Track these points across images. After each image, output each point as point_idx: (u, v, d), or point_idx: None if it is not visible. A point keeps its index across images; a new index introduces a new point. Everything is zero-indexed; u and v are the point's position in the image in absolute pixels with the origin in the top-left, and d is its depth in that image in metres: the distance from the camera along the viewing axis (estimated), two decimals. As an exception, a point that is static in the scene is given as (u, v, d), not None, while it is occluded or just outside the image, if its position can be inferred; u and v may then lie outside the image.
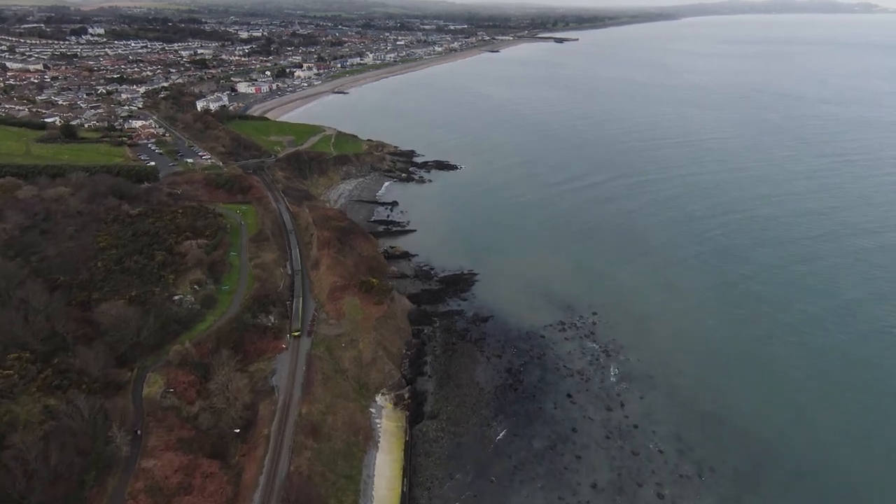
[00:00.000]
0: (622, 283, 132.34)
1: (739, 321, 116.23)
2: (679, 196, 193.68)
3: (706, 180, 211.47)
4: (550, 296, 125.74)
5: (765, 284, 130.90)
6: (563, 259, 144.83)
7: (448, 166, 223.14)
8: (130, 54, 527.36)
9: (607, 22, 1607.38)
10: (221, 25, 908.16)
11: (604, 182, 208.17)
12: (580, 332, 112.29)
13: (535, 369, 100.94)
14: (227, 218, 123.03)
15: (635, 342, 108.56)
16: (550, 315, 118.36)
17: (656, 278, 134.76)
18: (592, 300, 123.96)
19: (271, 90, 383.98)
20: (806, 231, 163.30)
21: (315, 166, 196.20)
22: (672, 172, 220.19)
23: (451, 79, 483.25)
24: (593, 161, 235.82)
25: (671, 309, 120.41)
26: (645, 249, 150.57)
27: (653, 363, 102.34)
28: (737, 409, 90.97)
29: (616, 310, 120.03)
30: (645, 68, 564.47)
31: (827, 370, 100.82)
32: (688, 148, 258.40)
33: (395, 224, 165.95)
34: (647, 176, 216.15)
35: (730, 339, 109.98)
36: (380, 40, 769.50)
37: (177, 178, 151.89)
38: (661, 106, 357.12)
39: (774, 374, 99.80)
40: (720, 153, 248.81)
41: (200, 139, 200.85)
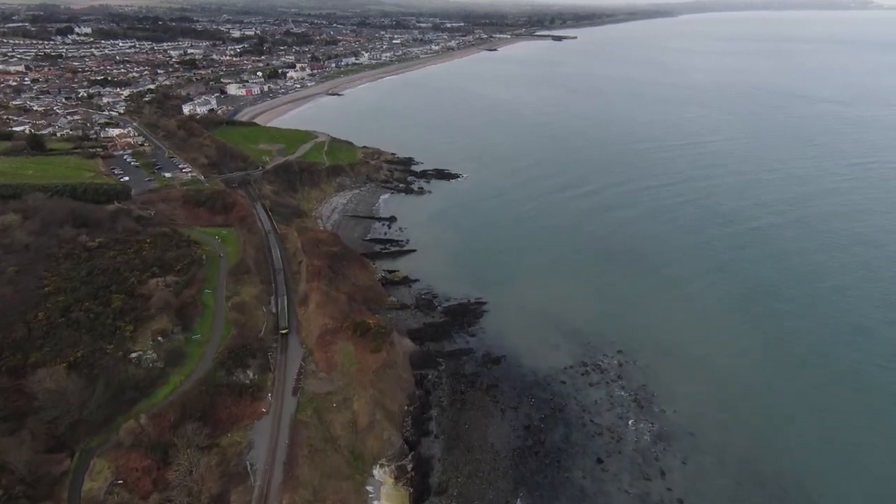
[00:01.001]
0: (644, 310, 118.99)
1: (784, 356, 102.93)
2: (690, 203, 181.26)
3: (715, 185, 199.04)
4: (567, 328, 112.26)
5: (807, 311, 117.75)
6: (576, 281, 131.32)
7: (448, 175, 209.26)
8: (118, 54, 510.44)
9: (605, 19, 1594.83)
10: (213, 24, 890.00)
11: (610, 188, 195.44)
12: (605, 377, 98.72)
13: (557, 425, 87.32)
14: (203, 246, 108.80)
15: (669, 389, 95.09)
16: (570, 354, 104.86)
17: (681, 303, 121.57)
18: (615, 333, 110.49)
19: (262, 92, 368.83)
20: (834, 240, 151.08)
21: (306, 178, 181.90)
22: (679, 177, 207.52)
23: (448, 79, 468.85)
24: (597, 165, 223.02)
25: (703, 343, 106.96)
26: (663, 267, 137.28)
27: (692, 416, 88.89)
28: (800, 475, 77.65)
29: (642, 345, 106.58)
30: (644, 67, 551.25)
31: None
32: (692, 150, 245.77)
33: (394, 243, 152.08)
34: (654, 181, 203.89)
35: (778, 383, 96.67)
36: (375, 39, 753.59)
37: (152, 195, 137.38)
38: (663, 105, 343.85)
39: (839, 429, 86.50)
40: (725, 155, 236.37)
41: (183, 149, 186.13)
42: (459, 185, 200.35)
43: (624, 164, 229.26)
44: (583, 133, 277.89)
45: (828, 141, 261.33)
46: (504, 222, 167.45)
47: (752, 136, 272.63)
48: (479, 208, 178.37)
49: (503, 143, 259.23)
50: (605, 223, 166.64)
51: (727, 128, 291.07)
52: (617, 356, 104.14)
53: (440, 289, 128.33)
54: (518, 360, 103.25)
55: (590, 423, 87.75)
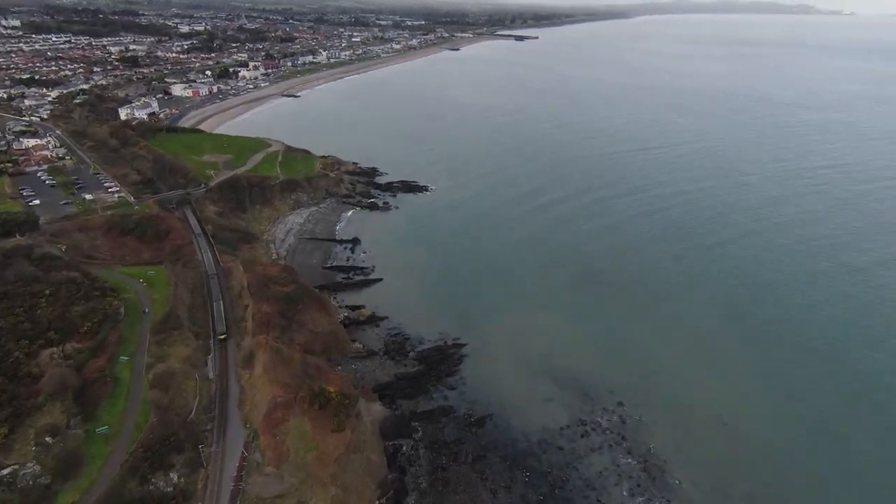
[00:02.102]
0: (642, 349, 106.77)
1: (811, 410, 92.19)
2: (679, 217, 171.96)
3: (705, 196, 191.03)
4: (559, 375, 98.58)
5: (825, 341, 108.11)
6: (564, 315, 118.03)
7: (416, 187, 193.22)
8: (49, 50, 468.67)
9: (564, 20, 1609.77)
10: (160, 18, 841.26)
11: (592, 202, 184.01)
12: (608, 438, 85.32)
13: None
14: (123, 294, 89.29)
15: (682, 451, 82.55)
16: (565, 409, 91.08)
17: (681, 339, 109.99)
18: (614, 381, 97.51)
19: (211, 93, 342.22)
20: (837, 257, 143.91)
21: (257, 195, 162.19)
22: (666, 188, 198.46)
23: (412, 79, 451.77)
24: (577, 176, 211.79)
25: (716, 393, 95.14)
26: (657, 295, 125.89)
27: (713, 489, 76.47)
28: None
29: (646, 396, 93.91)
30: (615, 69, 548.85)
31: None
32: (675, 158, 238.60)
33: (358, 270, 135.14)
34: (638, 193, 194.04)
35: (814, 443, 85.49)
36: (333, 36, 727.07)
37: (67, 224, 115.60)
38: (640, 111, 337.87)
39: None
40: (711, 163, 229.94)
41: (112, 162, 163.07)
42: (428, 199, 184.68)
43: (600, 169, 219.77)
44: (554, 138, 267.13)
45: (814, 148, 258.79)
46: (479, 241, 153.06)
47: (727, 140, 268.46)
48: (451, 225, 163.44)
49: (472, 149, 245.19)
50: (590, 239, 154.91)
51: (701, 131, 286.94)
52: (618, 410, 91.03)
53: (412, 327, 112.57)
54: (506, 419, 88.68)
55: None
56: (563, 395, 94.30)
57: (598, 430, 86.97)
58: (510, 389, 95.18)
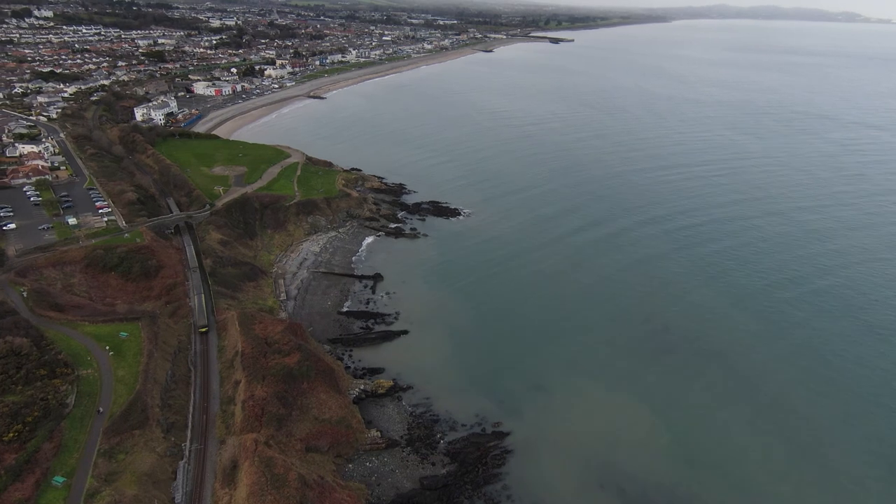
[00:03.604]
0: (734, 451, 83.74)
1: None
2: (753, 258, 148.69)
3: (780, 231, 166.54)
4: (628, 489, 76.32)
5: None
6: (629, 396, 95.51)
7: (447, 211, 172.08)
8: (77, 42, 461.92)
9: (599, 22, 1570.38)
10: (193, 12, 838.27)
11: (647, 236, 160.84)
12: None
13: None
14: (80, 368, 70.39)
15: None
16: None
17: (785, 437, 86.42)
18: (698, 499, 74.84)
19: (235, 92, 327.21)
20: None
21: (269, 217, 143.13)
22: (731, 221, 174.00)
23: (443, 84, 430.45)
24: (625, 199, 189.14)
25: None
26: (746, 373, 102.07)
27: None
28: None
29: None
30: (657, 78, 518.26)
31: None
32: (727, 179, 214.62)
33: (378, 318, 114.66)
34: (692, 218, 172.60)
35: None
36: (364, 34, 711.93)
37: (39, 257, 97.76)
38: (690, 126, 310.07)
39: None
40: (778, 192, 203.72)
41: (112, 175, 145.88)
42: (461, 226, 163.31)
43: (651, 193, 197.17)
44: (602, 158, 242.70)
45: (872, 172, 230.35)
46: (521, 284, 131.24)
47: (788, 164, 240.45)
48: (487, 262, 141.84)
49: (511, 167, 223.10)
50: (650, 285, 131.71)
51: (761, 151, 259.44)
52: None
53: (442, 403, 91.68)
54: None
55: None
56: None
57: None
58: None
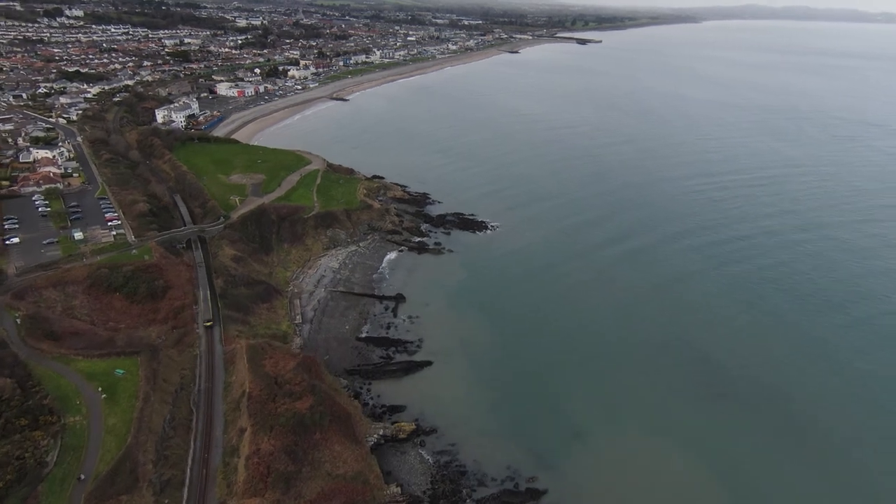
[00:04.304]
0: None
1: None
2: (796, 278, 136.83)
3: (828, 248, 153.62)
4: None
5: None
6: (682, 450, 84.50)
7: (474, 224, 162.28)
8: (105, 41, 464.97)
9: (627, 23, 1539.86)
10: (220, 11, 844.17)
11: (686, 249, 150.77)
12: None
13: None
14: (67, 415, 62.78)
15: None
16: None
17: None
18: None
19: (258, 93, 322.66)
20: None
21: (286, 230, 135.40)
22: (774, 239, 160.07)
23: (469, 86, 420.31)
24: (662, 211, 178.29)
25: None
26: (826, 431, 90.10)
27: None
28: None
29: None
30: (689, 80, 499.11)
31: None
32: (776, 195, 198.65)
33: (400, 346, 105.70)
34: (741, 242, 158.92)
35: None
36: (388, 34, 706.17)
37: (39, 277, 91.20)
38: (727, 132, 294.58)
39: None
40: (823, 204, 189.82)
41: (125, 182, 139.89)
42: (488, 241, 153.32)
43: (689, 203, 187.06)
44: (632, 164, 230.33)
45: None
46: (554, 309, 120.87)
47: (832, 174, 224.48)
48: (518, 282, 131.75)
49: (538, 173, 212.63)
50: (688, 309, 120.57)
51: (806, 160, 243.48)
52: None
53: (470, 451, 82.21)
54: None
55: None
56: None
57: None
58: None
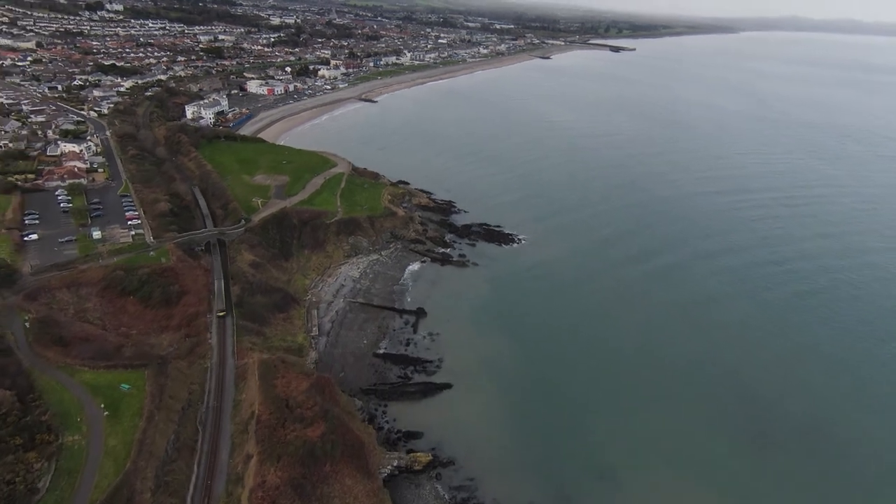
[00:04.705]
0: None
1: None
2: (840, 306, 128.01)
3: (877, 277, 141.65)
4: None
5: None
6: (718, 495, 77.16)
7: (501, 236, 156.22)
8: (142, 36, 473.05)
9: (662, 31, 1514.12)
10: (255, 9, 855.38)
11: (725, 269, 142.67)
12: None
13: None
14: (66, 433, 59.23)
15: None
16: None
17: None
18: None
19: (287, 92, 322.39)
20: None
21: (308, 236, 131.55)
22: (816, 263, 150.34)
23: (499, 89, 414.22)
24: (696, 231, 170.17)
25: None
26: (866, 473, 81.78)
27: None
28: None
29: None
30: (728, 93, 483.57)
31: None
32: (818, 216, 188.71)
33: (419, 365, 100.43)
34: (781, 266, 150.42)
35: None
36: (420, 36, 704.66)
37: (53, 277, 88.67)
38: (769, 148, 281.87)
39: None
40: (868, 228, 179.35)
41: (149, 180, 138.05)
42: (514, 255, 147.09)
43: (722, 222, 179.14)
44: (665, 177, 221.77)
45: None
46: (584, 332, 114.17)
47: (879, 196, 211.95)
48: (546, 300, 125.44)
49: (569, 184, 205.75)
50: (727, 336, 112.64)
51: (843, 181, 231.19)
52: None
53: (489, 489, 76.59)
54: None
55: None
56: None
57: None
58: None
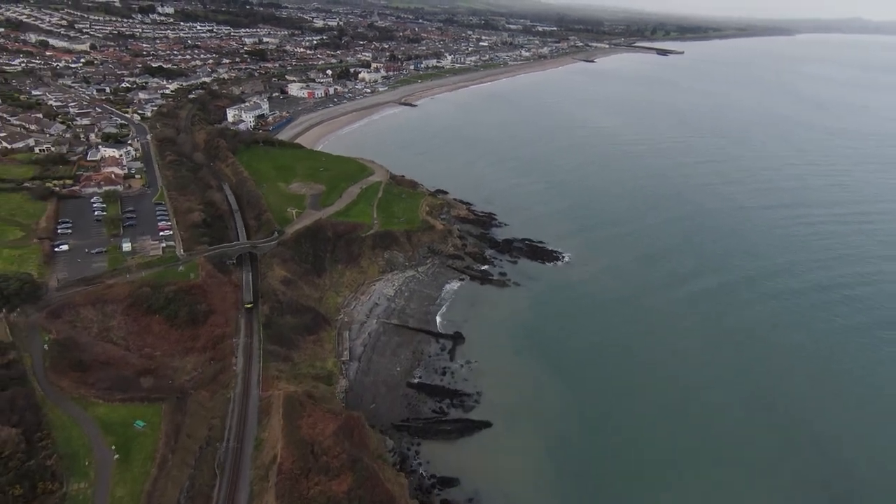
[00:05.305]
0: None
1: None
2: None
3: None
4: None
5: None
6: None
7: (543, 254, 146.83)
8: (190, 38, 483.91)
9: (711, 34, 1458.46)
10: (299, 12, 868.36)
11: (780, 295, 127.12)
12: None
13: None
14: (72, 480, 54.05)
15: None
16: None
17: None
18: None
19: (327, 95, 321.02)
20: None
21: (342, 250, 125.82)
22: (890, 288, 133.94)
23: (542, 95, 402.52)
24: (767, 255, 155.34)
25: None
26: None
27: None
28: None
29: None
30: (787, 99, 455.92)
31: None
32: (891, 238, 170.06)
33: (456, 399, 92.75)
34: (854, 290, 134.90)
35: None
36: (461, 39, 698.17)
37: (78, 294, 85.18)
38: (843, 163, 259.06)
39: None
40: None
41: (184, 187, 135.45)
42: (559, 274, 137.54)
43: (793, 242, 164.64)
44: (723, 190, 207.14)
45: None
46: (639, 365, 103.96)
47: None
48: (593, 325, 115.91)
49: (616, 196, 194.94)
50: (801, 373, 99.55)
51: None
52: None
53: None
54: None
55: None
56: None
57: None
58: None
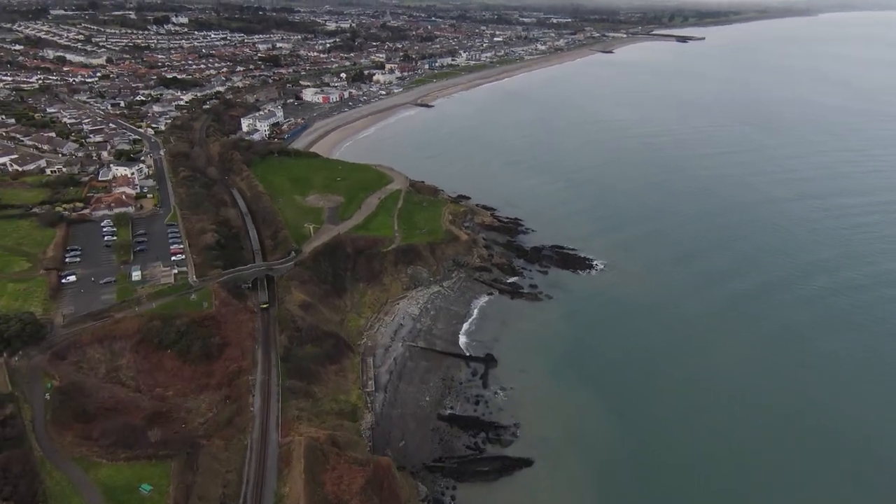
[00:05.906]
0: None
1: None
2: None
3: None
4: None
5: None
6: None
7: (575, 261, 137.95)
8: (204, 47, 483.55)
9: (731, 17, 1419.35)
10: (312, 15, 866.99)
11: (855, 311, 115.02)
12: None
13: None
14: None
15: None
16: None
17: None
18: None
19: (342, 99, 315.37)
20: None
21: (362, 267, 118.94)
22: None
23: (560, 90, 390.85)
24: (810, 251, 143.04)
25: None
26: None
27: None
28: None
29: None
30: (817, 83, 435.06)
31: None
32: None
33: (492, 432, 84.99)
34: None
35: None
36: (475, 35, 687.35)
37: (84, 331, 79.40)
38: (873, 147, 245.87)
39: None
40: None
41: (197, 205, 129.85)
42: (594, 285, 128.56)
43: (838, 236, 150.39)
44: (755, 183, 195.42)
45: None
46: (690, 385, 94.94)
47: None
48: (634, 341, 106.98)
49: (644, 192, 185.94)
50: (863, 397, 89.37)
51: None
52: None
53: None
54: None
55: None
56: None
57: None
58: None
